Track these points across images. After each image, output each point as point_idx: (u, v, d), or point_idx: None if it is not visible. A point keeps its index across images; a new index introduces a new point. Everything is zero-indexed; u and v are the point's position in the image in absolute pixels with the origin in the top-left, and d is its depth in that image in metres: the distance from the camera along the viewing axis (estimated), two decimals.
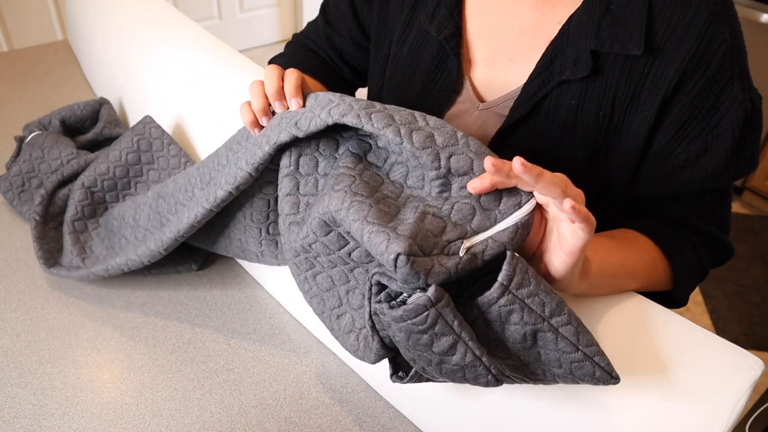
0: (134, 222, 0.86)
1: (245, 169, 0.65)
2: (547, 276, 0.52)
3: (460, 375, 0.50)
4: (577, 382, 0.51)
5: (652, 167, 0.65)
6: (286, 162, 0.62)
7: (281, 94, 0.62)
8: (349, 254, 0.57)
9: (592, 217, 0.46)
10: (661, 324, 0.59)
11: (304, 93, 0.62)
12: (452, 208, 0.51)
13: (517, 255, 0.49)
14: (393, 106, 0.57)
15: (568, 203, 0.45)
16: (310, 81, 0.85)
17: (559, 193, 0.46)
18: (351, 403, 0.74)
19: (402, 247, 0.46)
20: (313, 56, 0.90)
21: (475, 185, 0.50)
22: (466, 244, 0.49)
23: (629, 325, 0.59)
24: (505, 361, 0.51)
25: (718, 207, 0.68)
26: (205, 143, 0.98)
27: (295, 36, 0.93)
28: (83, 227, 0.93)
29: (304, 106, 0.61)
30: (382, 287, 0.52)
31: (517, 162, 0.45)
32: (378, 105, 0.57)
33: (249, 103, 0.64)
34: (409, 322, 0.48)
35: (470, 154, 0.52)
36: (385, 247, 0.48)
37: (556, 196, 0.46)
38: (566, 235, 0.48)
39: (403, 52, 0.76)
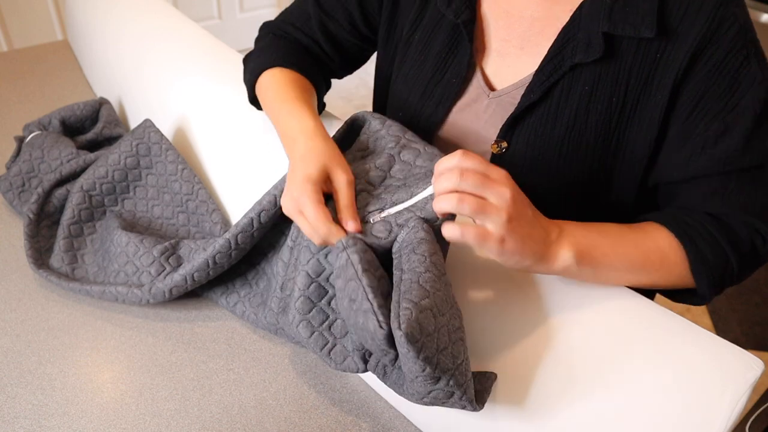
0: (138, 262, 0.86)
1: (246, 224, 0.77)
2: None
3: (363, 321, 0.52)
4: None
5: (671, 150, 0.64)
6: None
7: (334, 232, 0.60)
8: (327, 279, 0.66)
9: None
10: (661, 324, 0.59)
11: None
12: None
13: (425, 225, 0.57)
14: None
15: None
16: (298, 77, 0.80)
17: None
18: (351, 403, 0.74)
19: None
20: (294, 49, 0.83)
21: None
22: (383, 214, 0.59)
23: (629, 324, 0.59)
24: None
25: (747, 192, 0.63)
26: (204, 143, 0.98)
27: (269, 25, 0.87)
28: (79, 231, 0.93)
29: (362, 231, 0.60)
30: None
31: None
32: None
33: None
34: (337, 265, 0.55)
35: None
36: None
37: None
38: None
39: (414, 39, 0.76)
